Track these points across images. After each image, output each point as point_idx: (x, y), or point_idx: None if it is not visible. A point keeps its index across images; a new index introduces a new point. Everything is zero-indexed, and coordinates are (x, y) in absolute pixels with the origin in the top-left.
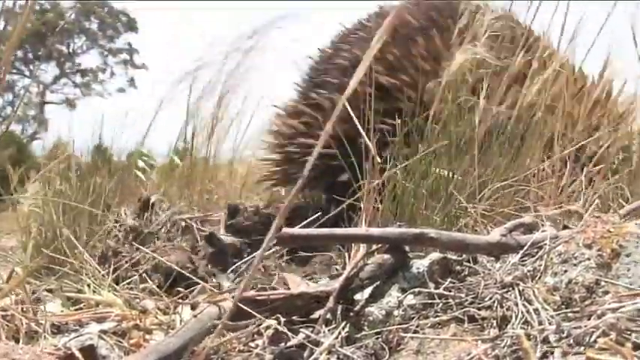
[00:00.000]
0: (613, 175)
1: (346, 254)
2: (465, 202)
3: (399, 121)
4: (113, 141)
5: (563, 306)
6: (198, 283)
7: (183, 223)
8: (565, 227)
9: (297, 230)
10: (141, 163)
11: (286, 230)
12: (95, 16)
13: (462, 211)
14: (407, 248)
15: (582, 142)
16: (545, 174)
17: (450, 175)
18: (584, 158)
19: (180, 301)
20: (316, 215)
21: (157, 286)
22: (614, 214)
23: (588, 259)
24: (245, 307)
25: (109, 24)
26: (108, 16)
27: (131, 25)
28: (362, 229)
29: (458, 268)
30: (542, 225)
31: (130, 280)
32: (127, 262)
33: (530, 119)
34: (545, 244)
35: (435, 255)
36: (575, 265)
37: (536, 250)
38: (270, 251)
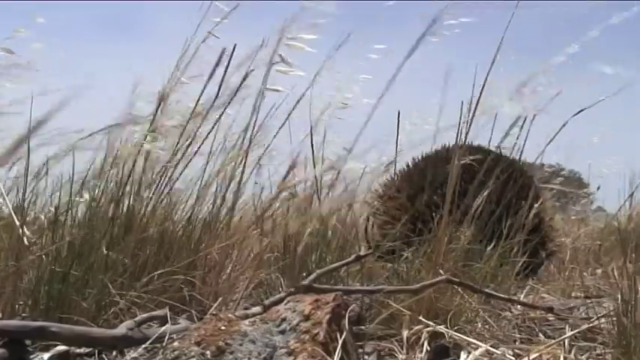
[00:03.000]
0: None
1: None
2: (122, 288)
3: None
4: None
5: None
6: None
7: None
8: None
9: None
10: None
11: None
12: None
13: (116, 298)
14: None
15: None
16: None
17: (113, 258)
18: None
19: None
20: None
21: None
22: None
23: (193, 356)
24: None
25: None
26: None
27: None
28: None
29: None
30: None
31: None
32: None
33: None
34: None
35: (60, 348)
36: None
37: (158, 346)
38: None
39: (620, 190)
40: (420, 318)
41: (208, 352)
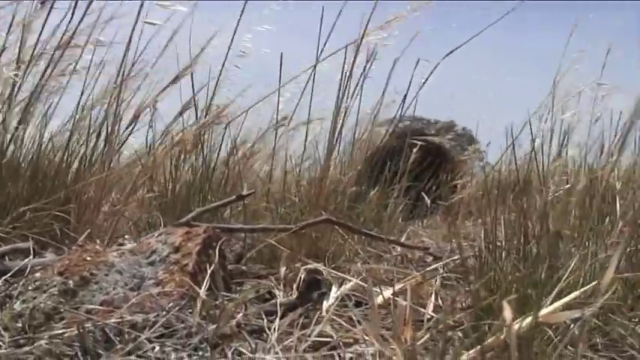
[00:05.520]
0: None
1: None
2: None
3: None
4: None
5: (23, 332)
6: None
7: None
8: None
9: None
10: None
11: None
12: None
13: None
14: None
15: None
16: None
17: None
18: None
19: None
20: None
21: None
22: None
23: (55, 286)
24: None
25: None
26: None
27: None
28: None
29: None
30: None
31: None
32: None
33: None
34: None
35: None
36: (44, 292)
37: (20, 278)
38: None
39: (503, 144)
40: (300, 257)
41: (71, 282)
